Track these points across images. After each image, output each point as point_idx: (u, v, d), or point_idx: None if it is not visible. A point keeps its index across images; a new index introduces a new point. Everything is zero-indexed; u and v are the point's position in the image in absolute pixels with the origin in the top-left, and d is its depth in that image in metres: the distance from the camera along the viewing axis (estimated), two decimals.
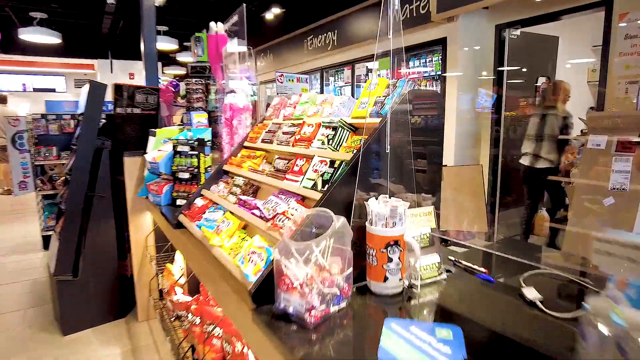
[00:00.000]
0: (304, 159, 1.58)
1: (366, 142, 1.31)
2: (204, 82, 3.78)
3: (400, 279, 1.25)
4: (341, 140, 1.51)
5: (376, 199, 1.28)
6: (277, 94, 4.94)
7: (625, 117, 3.15)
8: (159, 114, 3.86)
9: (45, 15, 8.63)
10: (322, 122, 1.63)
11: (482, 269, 1.42)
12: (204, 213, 1.92)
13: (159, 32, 9.34)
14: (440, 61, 5.26)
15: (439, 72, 5.31)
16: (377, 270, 1.23)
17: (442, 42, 5.07)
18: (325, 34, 7.27)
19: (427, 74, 5.49)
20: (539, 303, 1.17)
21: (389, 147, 1.31)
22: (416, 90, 1.39)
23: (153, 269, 3.13)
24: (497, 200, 5.22)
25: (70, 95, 13.03)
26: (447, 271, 1.42)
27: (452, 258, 1.53)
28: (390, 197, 1.28)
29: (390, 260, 1.21)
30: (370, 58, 6.25)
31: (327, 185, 1.35)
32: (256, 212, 1.54)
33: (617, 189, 3.02)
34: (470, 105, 4.95)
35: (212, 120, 3.52)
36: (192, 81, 3.84)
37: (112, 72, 10.94)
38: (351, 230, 1.17)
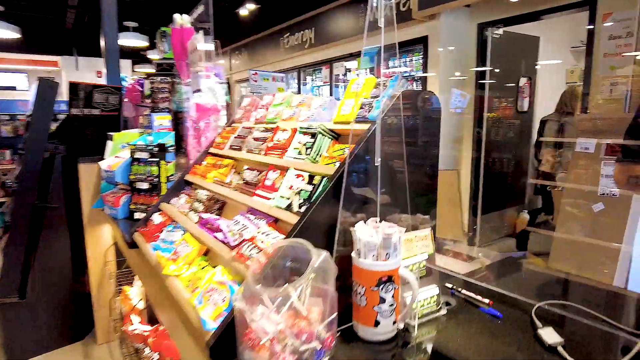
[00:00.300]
0: (277, 171, 1.34)
1: (352, 152, 1.08)
2: (170, 80, 3.49)
3: (394, 322, 1.02)
4: (321, 150, 1.27)
5: (365, 222, 1.05)
6: (252, 93, 4.67)
7: (615, 119, 3.03)
8: (122, 116, 3.54)
9: (2, 7, 8.07)
10: (299, 127, 1.39)
11: (486, 301, 1.21)
12: (162, 232, 1.66)
13: (127, 28, 8.90)
14: (421, 61, 5.09)
15: (420, 72, 5.15)
16: (367, 312, 1.00)
17: (423, 41, 4.91)
18: (302, 32, 7.02)
19: (406, 74, 5.31)
20: (561, 350, 0.97)
21: (379, 158, 1.08)
22: (409, 90, 1.17)
23: (112, 287, 2.82)
24: (479, 204, 5.10)
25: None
26: (446, 304, 1.21)
27: (450, 285, 1.32)
28: (381, 221, 1.05)
29: (382, 300, 0.99)
30: (348, 57, 6.05)
31: (304, 207, 1.11)
32: (219, 235, 1.28)
33: (607, 194, 2.90)
34: (455, 105, 4.80)
35: (180, 122, 3.24)
36: (157, 79, 3.53)
37: (77, 69, 10.37)
38: (335, 265, 0.93)
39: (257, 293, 0.86)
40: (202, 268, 1.30)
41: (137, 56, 10.79)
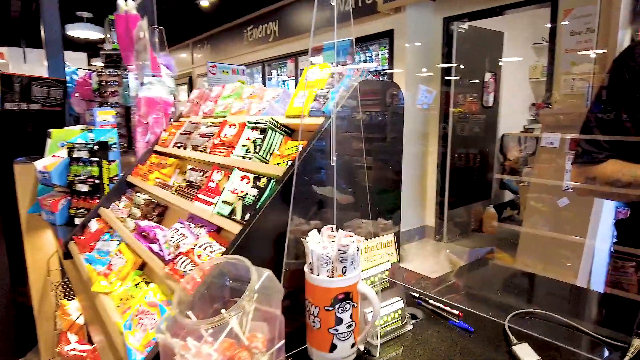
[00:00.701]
0: (222, 172, 1.18)
1: (304, 150, 0.94)
2: (119, 72, 3.23)
3: (353, 344, 0.89)
4: (272, 147, 1.12)
5: (319, 232, 0.91)
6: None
7: (576, 114, 3.02)
8: (67, 111, 3.26)
9: None
10: (248, 121, 1.24)
11: (455, 312, 1.10)
12: (98, 241, 1.46)
13: (81, 19, 8.38)
14: (386, 55, 5.01)
15: (386, 67, 5.06)
16: (321, 335, 0.86)
17: (389, 35, 4.82)
18: (266, 24, 6.81)
19: (373, 69, 5.22)
20: None
21: (335, 157, 0.94)
22: (369, 80, 1.03)
23: (54, 298, 2.57)
24: (446, 199, 5.08)
25: None
26: (413, 317, 1.09)
27: (416, 295, 1.20)
28: (338, 229, 0.91)
29: (339, 321, 0.85)
30: (315, 51, 5.90)
31: (249, 214, 0.96)
32: (155, 246, 1.11)
33: (571, 189, 2.89)
34: (421, 101, 4.74)
35: (130, 118, 3.00)
36: (105, 72, 3.27)
37: (25, 62, 9.71)
38: (280, 286, 0.79)
39: (186, 322, 0.71)
40: (136, 285, 1.12)
41: (94, 49, 10.23)
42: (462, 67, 4.73)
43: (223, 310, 0.76)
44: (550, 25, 3.95)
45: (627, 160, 1.09)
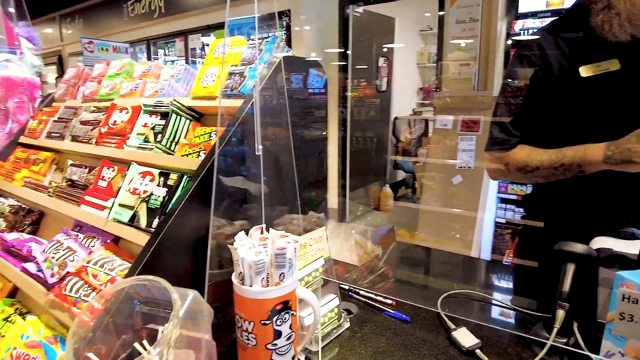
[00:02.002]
0: (115, 167, 0.96)
1: (223, 138, 0.79)
2: None
3: (293, 357, 0.79)
4: (177, 135, 0.94)
5: (247, 234, 0.77)
6: None
7: (464, 97, 3.26)
8: None
9: None
10: (143, 104, 1.03)
11: (389, 301, 1.07)
12: None
13: None
14: (283, 36, 4.87)
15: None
16: (257, 354, 0.74)
17: (286, 16, 4.68)
18: None
19: None
20: (480, 353, 0.85)
21: (261, 145, 0.80)
22: (292, 57, 0.91)
23: None
24: (347, 181, 5.20)
25: None
26: (348, 312, 1.02)
27: (346, 286, 1.14)
28: (267, 229, 0.79)
29: (277, 335, 0.74)
30: (205, 29, 5.49)
31: (157, 219, 0.79)
32: (31, 266, 0.87)
33: (464, 167, 3.12)
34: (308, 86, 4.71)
35: None
36: None
37: None
38: (208, 307, 0.64)
39: None
40: (7, 319, 0.87)
41: None
42: (357, 51, 4.80)
43: (138, 346, 0.60)
44: (439, 14, 4.19)
45: (536, 144, 1.13)
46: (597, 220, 1.08)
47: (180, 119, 0.96)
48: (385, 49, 5.30)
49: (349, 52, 4.71)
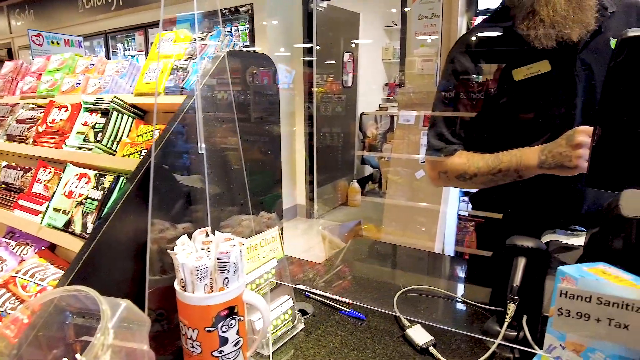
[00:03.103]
0: (52, 169, 0.90)
1: (162, 136, 0.75)
2: None
3: None
4: (118, 134, 0.89)
5: (190, 237, 0.74)
6: None
7: (427, 93, 3.30)
8: None
9: None
10: (84, 102, 0.97)
11: (345, 300, 1.05)
12: None
13: None
14: (246, 31, 4.79)
15: (246, 43, 4.85)
16: None
17: (248, 9, 4.60)
18: None
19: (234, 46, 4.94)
20: (434, 350, 0.85)
21: (203, 144, 0.77)
22: (238, 51, 0.88)
23: None
24: (315, 177, 5.19)
25: None
26: (303, 313, 1.00)
27: (303, 287, 1.12)
28: (213, 232, 0.75)
29: (224, 341, 0.71)
30: (170, 24, 5.33)
31: (92, 224, 0.74)
32: None
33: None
34: (281, 81, 4.67)
35: None
36: None
37: None
38: (144, 316, 0.61)
39: None
40: None
41: None
42: (322, 46, 4.78)
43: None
44: (402, 10, 4.22)
45: (475, 150, 1.12)
46: (545, 218, 1.10)
47: (122, 116, 0.91)
48: (350, 45, 5.31)
49: (313, 47, 4.68)
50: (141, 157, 0.82)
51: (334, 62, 5.15)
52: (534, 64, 1.01)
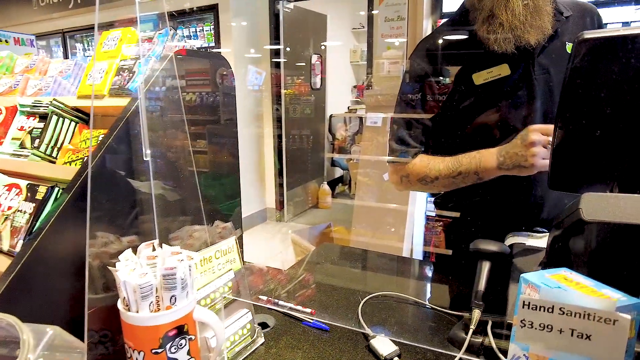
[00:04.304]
0: None
1: (104, 141, 0.69)
2: None
3: None
4: (58, 140, 0.82)
5: (135, 251, 0.68)
6: None
7: (394, 95, 3.31)
8: None
9: None
10: (20, 104, 0.89)
11: (308, 310, 1.01)
12: None
13: None
14: (212, 31, 4.69)
15: (212, 44, 4.75)
16: None
17: (213, 9, 4.50)
18: None
19: (199, 47, 4.84)
20: None
21: (148, 150, 0.71)
22: (189, 50, 0.82)
23: None
24: (284, 180, 5.14)
25: None
26: (263, 326, 0.96)
27: (264, 298, 1.07)
28: (161, 245, 0.70)
29: None
30: (128, 23, 5.14)
31: (22, 240, 0.67)
32: None
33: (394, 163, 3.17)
34: (251, 83, 4.60)
35: None
36: None
37: None
38: (79, 342, 0.55)
39: None
40: None
41: None
42: (290, 48, 4.74)
43: None
44: (369, 12, 4.24)
45: (437, 153, 1.11)
46: (508, 220, 1.10)
47: (63, 121, 0.84)
48: (318, 47, 5.29)
49: (281, 48, 4.63)
50: (83, 164, 0.76)
51: (303, 64, 5.11)
52: (494, 68, 1.00)
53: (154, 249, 0.69)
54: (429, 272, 1.36)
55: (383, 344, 0.87)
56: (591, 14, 1.09)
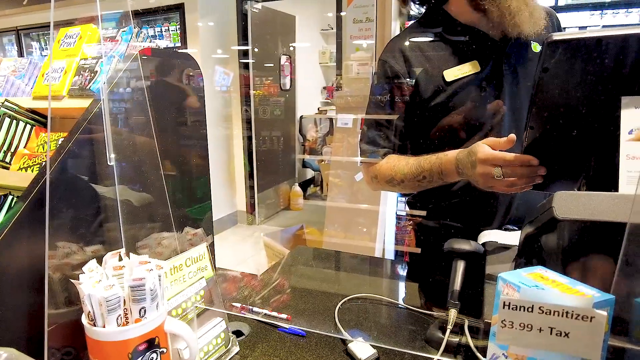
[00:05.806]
0: None
1: (64, 146, 0.64)
2: None
3: None
4: (12, 144, 0.76)
5: (99, 263, 0.64)
6: None
7: (363, 96, 3.34)
8: None
9: None
10: None
11: (284, 316, 0.99)
12: None
13: None
14: (178, 31, 4.58)
15: (178, 44, 4.63)
16: None
17: (179, 9, 4.39)
18: None
19: (165, 47, 4.71)
20: None
21: (113, 154, 0.67)
22: (151, 48, 0.79)
23: None
24: (255, 182, 5.07)
25: None
26: (238, 334, 0.93)
27: (238, 305, 1.04)
28: (128, 254, 0.66)
29: None
30: (88, 20, 4.95)
31: None
32: None
33: (364, 164, 3.18)
34: (219, 83, 4.53)
35: None
36: None
37: None
38: None
39: None
40: None
41: None
42: (258, 49, 4.69)
43: None
44: (337, 14, 4.25)
45: (407, 153, 1.11)
46: (478, 219, 1.11)
47: (17, 123, 0.78)
48: (287, 47, 5.26)
49: (249, 49, 4.57)
50: (40, 171, 0.71)
51: (272, 65, 5.07)
52: (464, 65, 1.02)
53: (120, 259, 0.65)
54: (402, 272, 1.37)
55: (361, 347, 0.86)
56: (551, 17, 1.12)
